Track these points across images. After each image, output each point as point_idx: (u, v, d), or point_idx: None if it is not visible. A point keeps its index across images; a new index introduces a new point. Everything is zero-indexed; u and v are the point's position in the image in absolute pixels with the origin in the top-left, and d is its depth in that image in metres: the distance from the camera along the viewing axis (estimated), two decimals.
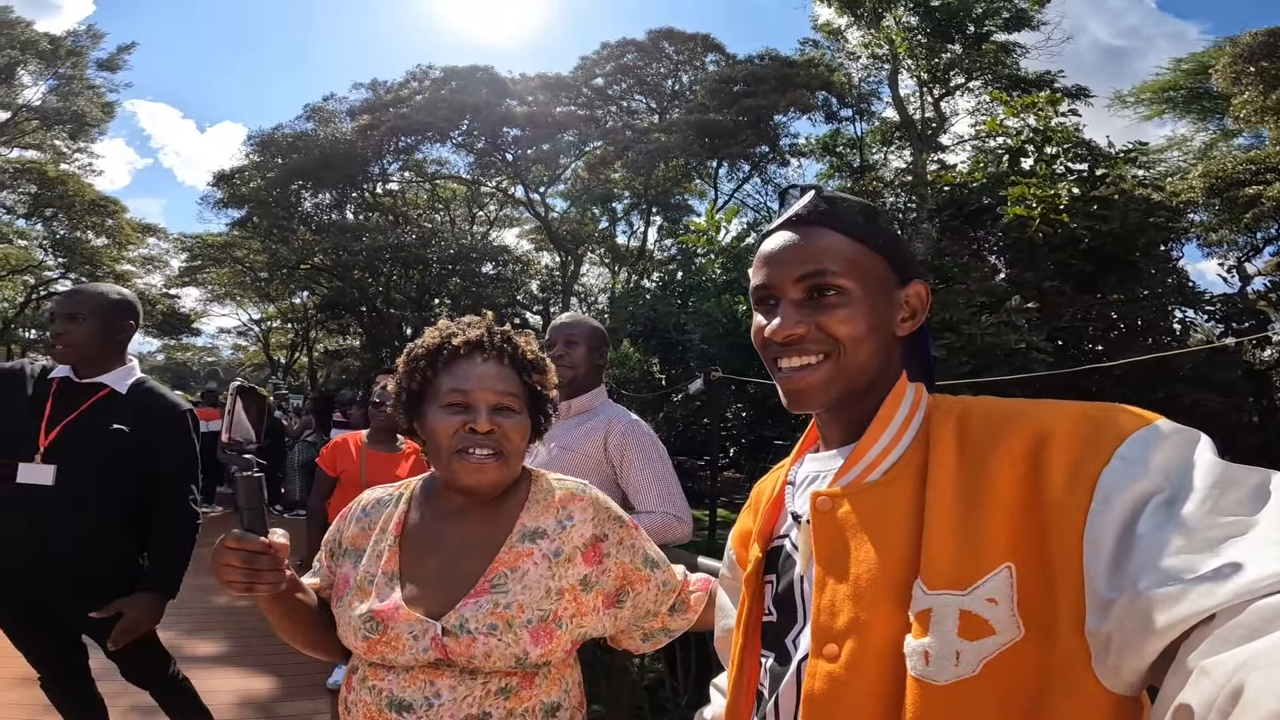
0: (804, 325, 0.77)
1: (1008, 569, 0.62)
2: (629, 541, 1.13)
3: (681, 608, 1.20)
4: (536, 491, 1.14)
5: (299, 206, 19.85)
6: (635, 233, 23.28)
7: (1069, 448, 0.63)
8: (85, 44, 20.07)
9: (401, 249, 17.28)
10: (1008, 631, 0.61)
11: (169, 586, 2.13)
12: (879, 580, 0.68)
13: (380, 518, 1.16)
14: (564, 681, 1.09)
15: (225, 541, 0.99)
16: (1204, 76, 15.54)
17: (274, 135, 19.77)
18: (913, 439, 0.75)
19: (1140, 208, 8.56)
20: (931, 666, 0.62)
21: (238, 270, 22.03)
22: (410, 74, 20.41)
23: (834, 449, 0.83)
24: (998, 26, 17.89)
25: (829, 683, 0.68)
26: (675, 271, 15.28)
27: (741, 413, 14.20)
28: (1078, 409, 0.67)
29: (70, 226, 21.67)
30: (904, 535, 0.69)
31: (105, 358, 2.13)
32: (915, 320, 0.81)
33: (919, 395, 0.80)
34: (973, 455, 0.69)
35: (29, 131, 20.04)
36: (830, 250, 0.77)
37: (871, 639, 0.67)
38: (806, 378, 0.78)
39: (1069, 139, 8.85)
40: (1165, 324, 9.74)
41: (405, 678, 1.01)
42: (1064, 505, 0.60)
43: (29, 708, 2.89)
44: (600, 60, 21.30)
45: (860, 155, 20.08)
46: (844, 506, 0.74)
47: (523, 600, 1.01)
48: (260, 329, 28.50)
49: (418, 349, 1.14)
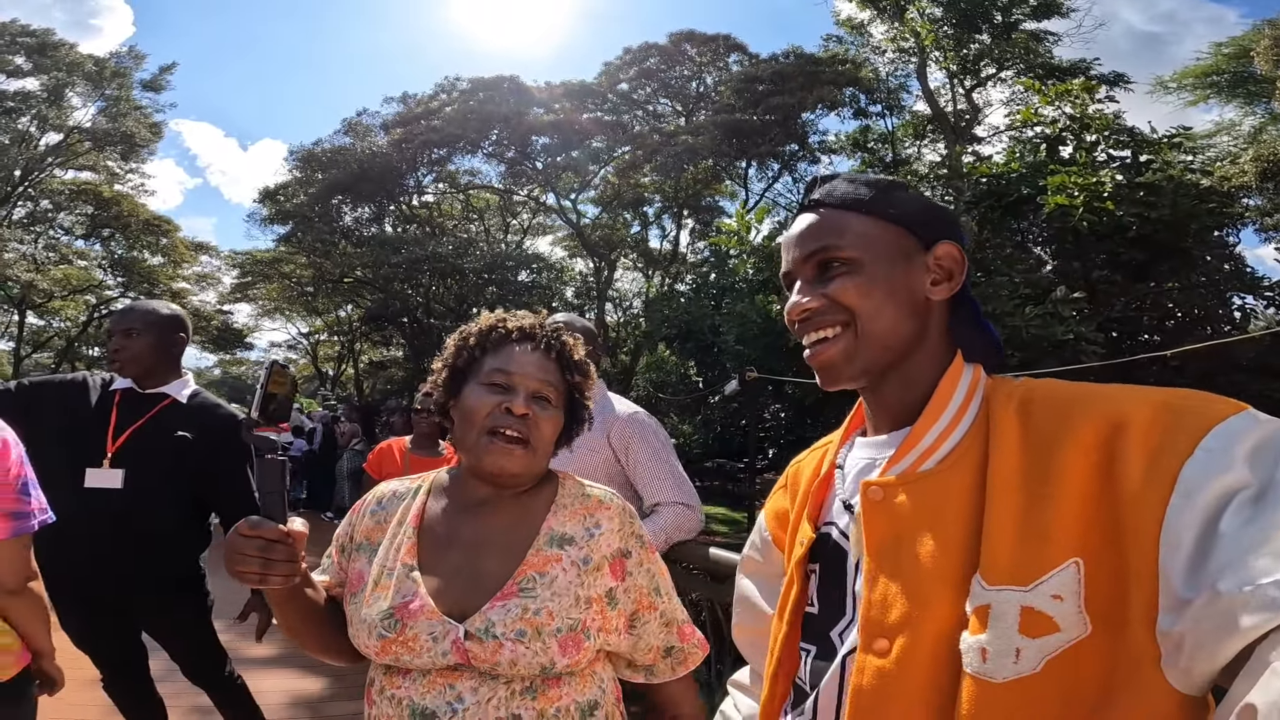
0: (815, 300, 0.78)
1: (1075, 564, 0.59)
2: (647, 565, 1.11)
3: (679, 658, 1.15)
4: (564, 494, 1.11)
5: (340, 221, 20.38)
6: (667, 236, 23.28)
7: (1148, 437, 0.59)
8: (128, 65, 20.81)
9: (439, 260, 17.60)
10: (1073, 629, 0.59)
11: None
12: (934, 574, 0.66)
13: (397, 510, 1.12)
14: (597, 678, 1.05)
15: (239, 528, 0.93)
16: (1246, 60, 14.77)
17: (314, 150, 20.35)
18: (971, 424, 0.72)
19: (1190, 194, 8.21)
20: (989, 664, 0.60)
21: (285, 285, 22.67)
22: (439, 86, 20.80)
23: (883, 433, 0.80)
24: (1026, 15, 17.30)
25: (878, 678, 0.66)
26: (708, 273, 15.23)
27: (780, 413, 14.04)
28: (1157, 395, 0.63)
29: (127, 246, 22.60)
30: (961, 527, 0.66)
31: (163, 370, 2.26)
32: (952, 282, 0.78)
33: (976, 377, 0.76)
34: (1038, 442, 0.65)
35: (82, 153, 20.85)
36: (835, 226, 0.79)
37: (925, 634, 0.65)
38: (827, 350, 0.78)
39: (1108, 126, 8.54)
40: (1224, 311, 9.32)
41: (423, 683, 0.96)
42: (1141, 499, 0.57)
43: (98, 709, 3.02)
44: (623, 65, 21.36)
45: (892, 150, 19.72)
46: (897, 496, 0.71)
47: (552, 607, 0.97)
48: (308, 342, 29.29)
49: (470, 330, 1.14)
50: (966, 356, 0.78)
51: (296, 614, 1.05)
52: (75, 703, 2.93)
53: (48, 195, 21.43)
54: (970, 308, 0.81)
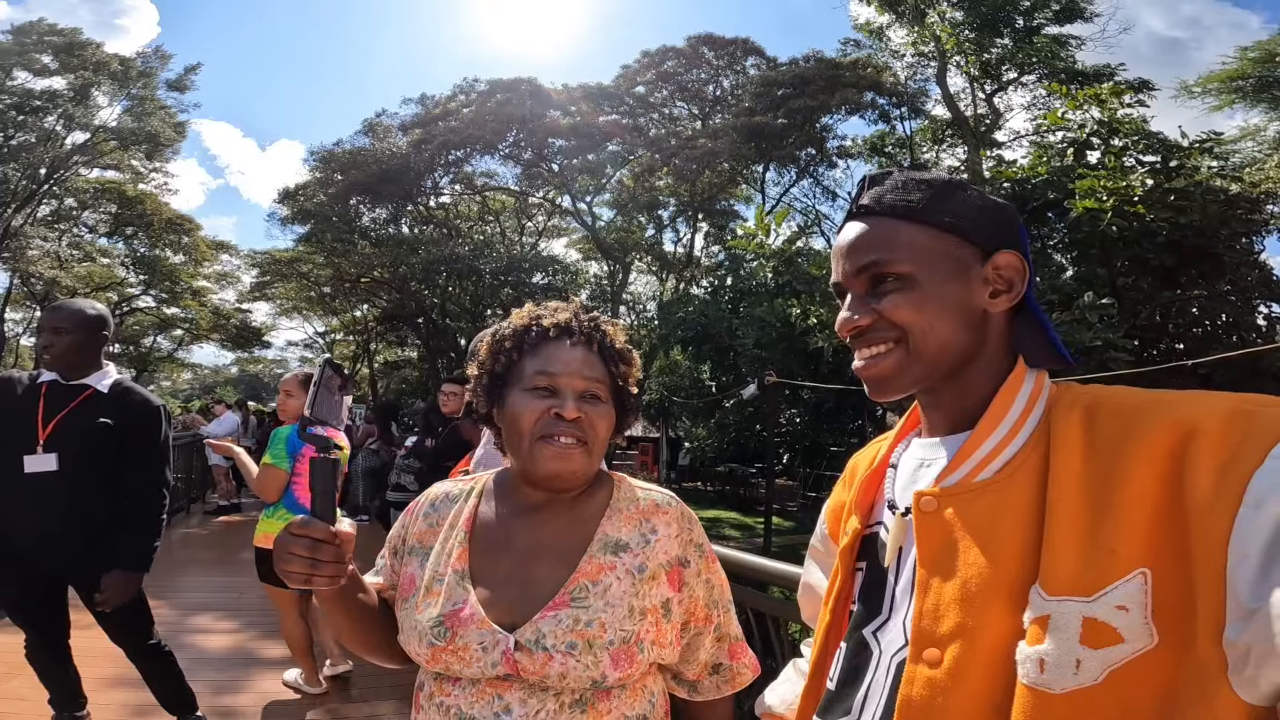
0: (866, 316, 0.76)
1: (1143, 574, 0.58)
2: (706, 575, 1.05)
3: (726, 676, 1.09)
4: (619, 498, 1.06)
5: (358, 221, 20.57)
6: (682, 239, 23.29)
7: (1219, 447, 0.58)
8: (154, 65, 21.22)
9: (455, 261, 17.72)
10: (1139, 640, 0.57)
11: (141, 564, 2.43)
12: (990, 584, 0.64)
13: (450, 513, 1.08)
14: (647, 691, 1.01)
15: (290, 527, 0.91)
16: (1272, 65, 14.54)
17: (334, 151, 20.57)
18: (1031, 433, 0.70)
19: (1219, 199, 8.07)
20: (1047, 674, 0.59)
21: (303, 285, 22.93)
22: (457, 87, 20.99)
23: (938, 435, 0.79)
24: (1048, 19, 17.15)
25: (929, 689, 0.65)
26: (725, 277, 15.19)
27: (795, 419, 13.96)
28: (1230, 402, 0.61)
29: (149, 245, 22.93)
30: (1019, 537, 0.65)
31: (86, 364, 2.47)
32: (1012, 293, 0.75)
33: (1039, 384, 0.74)
34: (1104, 452, 0.64)
35: (107, 152, 21.21)
36: (887, 238, 0.75)
37: (979, 645, 0.63)
38: (878, 367, 0.76)
39: (1137, 130, 8.42)
40: (1250, 320, 9.16)
41: (472, 692, 0.94)
42: (1210, 508, 0.56)
43: (119, 708, 3.03)
44: (641, 69, 21.43)
45: (910, 154, 19.60)
46: (951, 507, 0.70)
47: (605, 618, 0.93)
48: (324, 341, 29.61)
49: (504, 330, 1.07)
50: (1030, 363, 0.76)
51: (345, 616, 1.02)
52: (102, 703, 2.93)
53: (72, 193, 21.85)
54: (1034, 313, 0.78)
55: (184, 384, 38.66)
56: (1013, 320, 0.77)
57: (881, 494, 0.82)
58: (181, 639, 3.95)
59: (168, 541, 7.12)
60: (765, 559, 1.83)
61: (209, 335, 25.95)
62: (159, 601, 4.77)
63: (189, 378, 36.81)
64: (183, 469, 8.65)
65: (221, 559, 6.42)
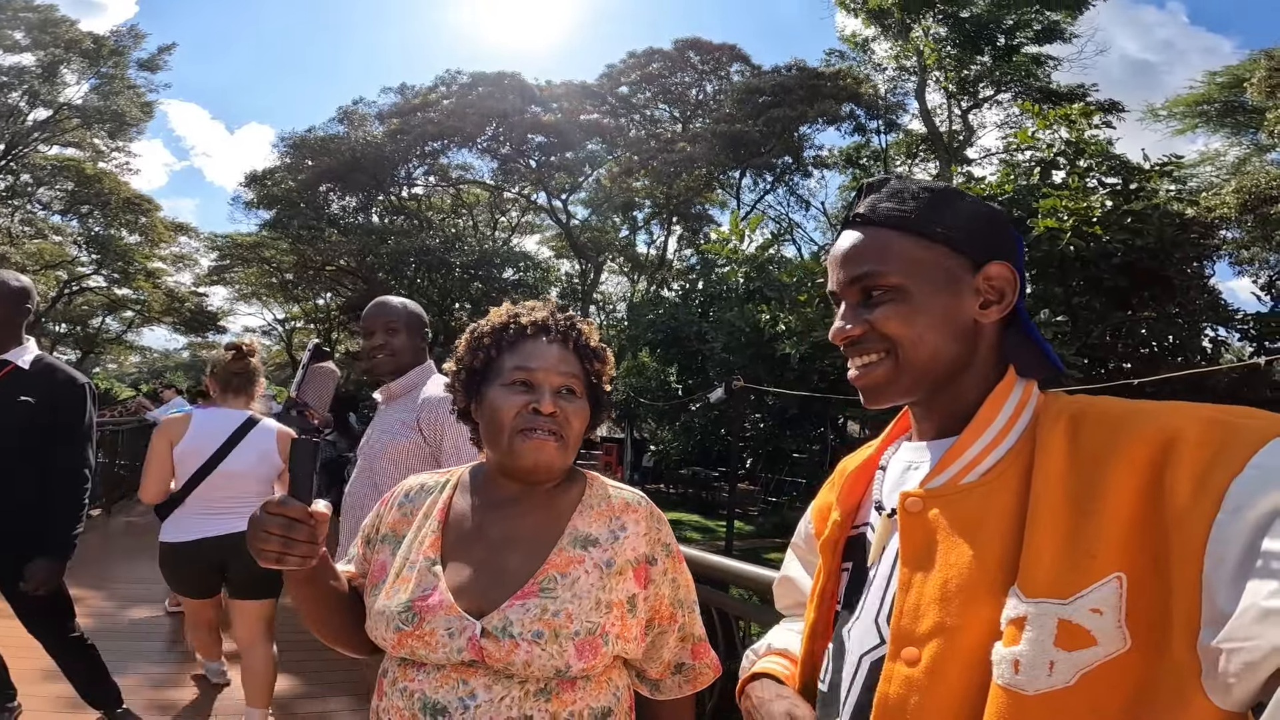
0: (859, 326, 0.77)
1: (1118, 579, 0.59)
2: (673, 574, 1.08)
3: (688, 675, 1.11)
4: (591, 495, 1.09)
5: (327, 208, 20.18)
6: (655, 242, 23.35)
7: (1199, 454, 0.59)
8: (128, 44, 20.66)
9: (425, 252, 17.48)
10: (1111, 643, 0.58)
11: (65, 552, 2.33)
12: (971, 585, 0.65)
13: (424, 504, 1.10)
14: (612, 685, 1.03)
15: (266, 505, 0.93)
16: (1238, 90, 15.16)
17: (306, 137, 20.15)
18: (1017, 440, 0.72)
19: (1175, 222, 8.39)
20: (1021, 676, 0.59)
21: (265, 270, 22.40)
22: (439, 78, 20.77)
23: (927, 440, 0.80)
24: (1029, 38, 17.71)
25: (906, 687, 0.66)
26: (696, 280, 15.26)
27: (759, 423, 14.11)
28: (1208, 412, 0.63)
29: (105, 224, 22.17)
30: (1001, 540, 0.66)
31: (7, 338, 2.39)
32: (1003, 303, 0.76)
33: (1027, 393, 0.76)
34: (1086, 459, 0.65)
35: (69, 129, 20.57)
36: (878, 250, 0.76)
37: (958, 644, 0.64)
38: (870, 375, 0.78)
39: (1102, 151, 8.71)
40: (1196, 342, 9.53)
41: (437, 677, 0.95)
42: (1188, 513, 0.57)
43: (53, 700, 2.90)
44: (626, 69, 21.47)
45: (884, 167, 19.97)
46: (935, 508, 0.71)
47: (572, 609, 0.95)
48: (283, 329, 28.92)
49: (482, 327, 1.11)
50: (1020, 372, 0.77)
51: (314, 600, 1.03)
52: (34, 694, 2.80)
53: (29, 170, 21.05)
54: (1024, 322, 0.79)
55: (131, 367, 37.33)
56: (1003, 330, 0.78)
57: (869, 495, 0.83)
58: (119, 631, 3.80)
59: (106, 530, 6.85)
60: (735, 560, 1.83)
61: (161, 318, 25.13)
62: (96, 592, 4.60)
63: (137, 361, 35.56)
64: (128, 455, 8.32)
65: None
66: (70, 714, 2.77)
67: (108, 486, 7.33)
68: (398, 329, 2.10)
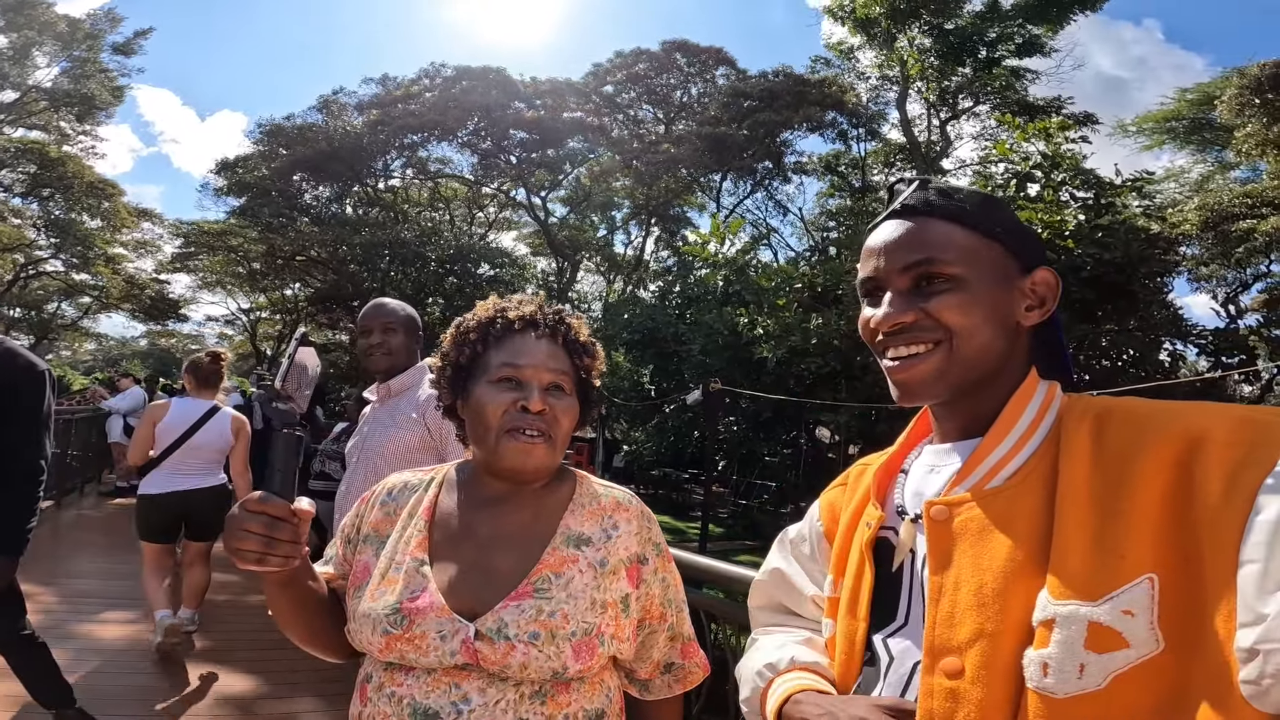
0: (912, 312, 0.74)
1: (1149, 580, 0.58)
2: (663, 574, 1.06)
3: (677, 675, 1.09)
4: (582, 494, 1.07)
5: (300, 198, 19.81)
6: (633, 242, 23.35)
7: (1228, 454, 0.58)
8: (103, 27, 20.10)
9: (400, 245, 17.23)
10: (1144, 645, 0.57)
11: (17, 547, 2.23)
12: (1006, 589, 0.64)
13: (408, 502, 1.06)
14: (604, 686, 1.01)
15: (246, 502, 0.87)
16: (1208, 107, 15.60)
17: (282, 125, 19.76)
18: (1041, 442, 0.71)
19: (1141, 238, 8.63)
20: (1050, 678, 0.59)
21: (231, 258, 21.86)
22: (423, 71, 20.55)
23: (951, 442, 0.79)
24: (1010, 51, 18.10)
25: (952, 700, 0.64)
26: (674, 282, 15.28)
27: (734, 426, 14.17)
28: (1238, 412, 0.62)
29: (66, 208, 21.46)
30: (1029, 544, 0.65)
31: None
32: (1044, 309, 0.77)
33: (1051, 395, 0.75)
34: (1113, 459, 0.64)
35: (36, 112, 19.97)
36: (939, 238, 0.75)
37: (997, 651, 0.63)
38: (916, 367, 0.75)
39: (1076, 165, 8.93)
40: (1155, 356, 9.83)
41: (428, 681, 0.91)
42: (1220, 513, 0.56)
43: (2, 700, 2.78)
44: (612, 68, 21.48)
45: (862, 175, 20.25)
46: (962, 514, 0.70)
47: (568, 610, 0.93)
48: (248, 319, 28.24)
49: (468, 322, 1.07)
50: (1042, 374, 0.77)
51: (290, 602, 0.98)
52: None
53: None
54: (1051, 328, 0.80)
55: (86, 354, 36.12)
56: (1032, 334, 0.79)
57: (890, 500, 0.82)
58: (72, 628, 3.66)
59: (57, 524, 6.57)
60: (723, 562, 1.83)
61: (119, 305, 24.32)
62: (47, 588, 4.41)
63: (92, 348, 34.44)
64: (80, 445, 8.00)
65: (117, 544, 5.84)
66: (20, 713, 2.66)
67: (59, 478, 7.03)
68: (395, 329, 2.16)
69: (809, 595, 0.91)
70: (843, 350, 9.13)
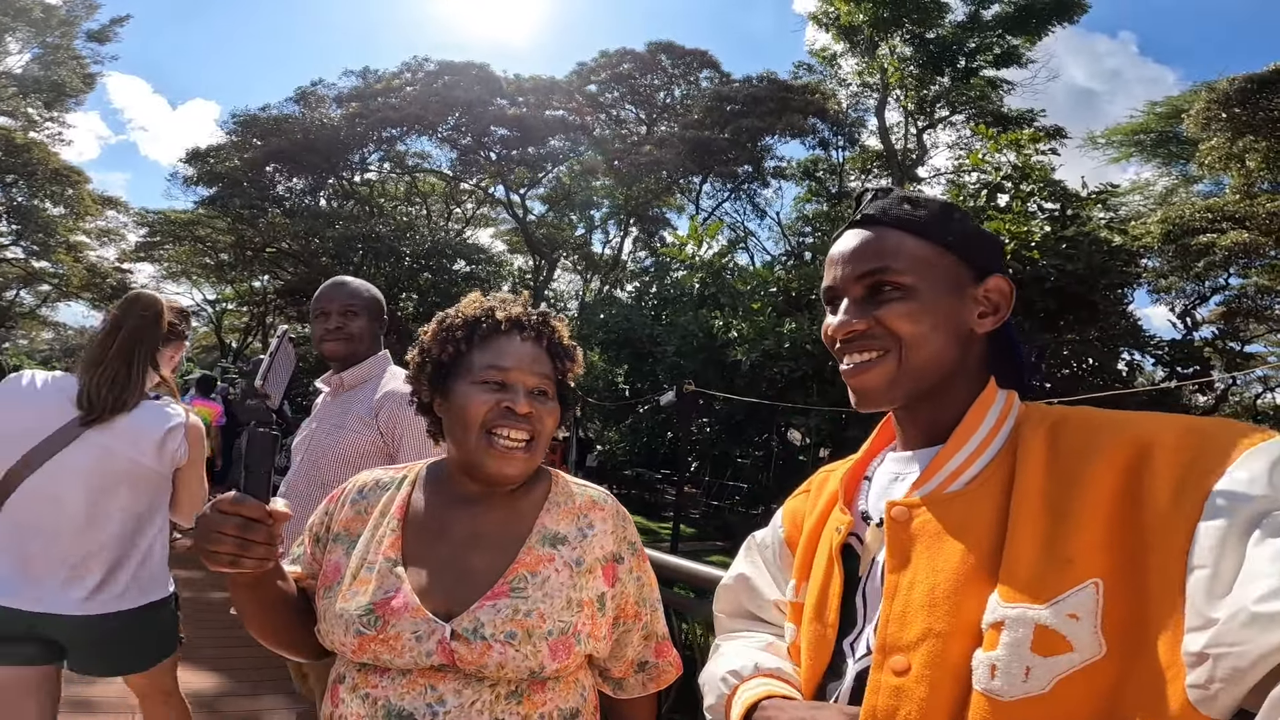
0: (863, 320, 0.77)
1: (1095, 584, 0.59)
2: (638, 573, 1.06)
3: (651, 674, 1.09)
4: (557, 493, 1.07)
5: (273, 189, 19.38)
6: (611, 242, 23.32)
7: (1176, 460, 0.60)
8: (79, 14, 19.54)
9: (375, 239, 16.95)
10: (1087, 649, 0.58)
11: None
12: (953, 592, 0.66)
13: (380, 501, 1.05)
14: (579, 685, 1.01)
15: (219, 504, 0.85)
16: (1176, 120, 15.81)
17: (258, 115, 19.31)
18: (1000, 449, 0.73)
19: (1103, 250, 8.88)
20: (997, 681, 0.59)
21: (198, 249, 21.31)
22: (405, 65, 20.22)
23: (912, 450, 0.80)
24: (988, 62, 18.38)
25: (896, 698, 0.65)
26: (650, 283, 15.30)
27: (706, 428, 14.23)
28: (1185, 421, 0.64)
29: (29, 194, 20.76)
30: (983, 547, 0.66)
31: None
32: (998, 315, 0.79)
33: (1009, 403, 0.77)
34: (1065, 466, 0.66)
35: (4, 98, 19.24)
36: (892, 248, 0.77)
37: (948, 651, 0.64)
38: (868, 372, 0.77)
39: (1046, 177, 9.15)
40: (1113, 365, 10.10)
41: (403, 683, 0.90)
42: (1168, 519, 0.57)
43: None
44: (597, 68, 21.41)
45: (840, 182, 20.50)
46: (920, 517, 0.71)
47: (544, 609, 0.93)
48: (214, 310, 27.59)
49: (454, 319, 1.05)
50: (1000, 383, 0.78)
51: (259, 603, 0.97)
52: None
53: None
54: (1007, 336, 0.81)
55: (43, 344, 34.91)
56: (989, 341, 0.81)
57: (855, 506, 0.83)
58: None
59: None
60: (694, 562, 1.85)
61: (80, 293, 23.57)
62: None
63: (50, 337, 33.27)
64: None
65: None
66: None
67: None
68: (356, 312, 1.93)
69: (772, 600, 0.92)
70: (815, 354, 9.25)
